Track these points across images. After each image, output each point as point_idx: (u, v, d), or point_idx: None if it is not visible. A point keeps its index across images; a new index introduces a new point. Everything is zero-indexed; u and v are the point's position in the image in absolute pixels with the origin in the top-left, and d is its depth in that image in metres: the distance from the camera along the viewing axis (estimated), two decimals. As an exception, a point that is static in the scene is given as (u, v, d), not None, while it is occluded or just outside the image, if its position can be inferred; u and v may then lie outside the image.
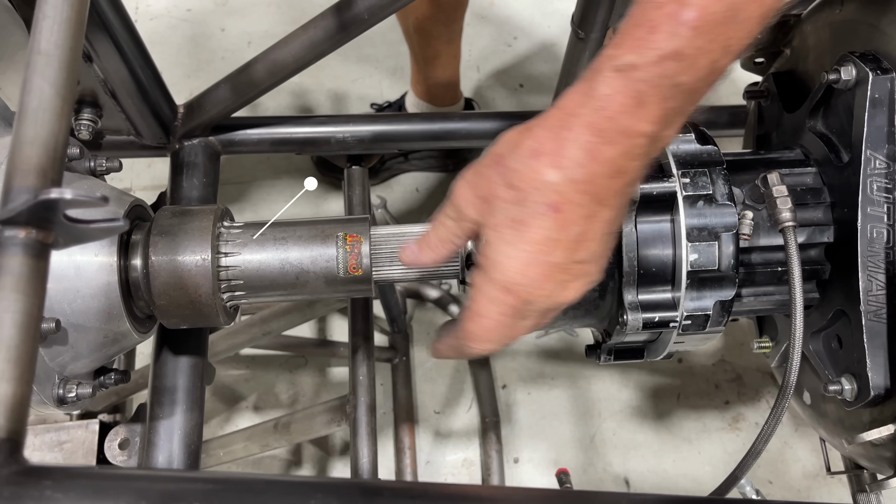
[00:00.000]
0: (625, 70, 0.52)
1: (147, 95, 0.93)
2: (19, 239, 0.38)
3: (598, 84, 0.52)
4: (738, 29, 0.51)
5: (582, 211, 0.55)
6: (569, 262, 0.56)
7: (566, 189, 0.54)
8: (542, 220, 0.55)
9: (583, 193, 0.54)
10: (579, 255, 0.56)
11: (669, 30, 0.51)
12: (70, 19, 0.44)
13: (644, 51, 0.51)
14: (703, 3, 0.50)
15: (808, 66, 0.84)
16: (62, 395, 0.72)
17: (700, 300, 0.71)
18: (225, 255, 0.74)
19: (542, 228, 0.55)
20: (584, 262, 0.57)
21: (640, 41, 0.52)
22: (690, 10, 0.50)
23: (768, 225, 0.74)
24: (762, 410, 1.63)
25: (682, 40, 0.50)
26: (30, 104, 0.41)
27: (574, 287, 0.58)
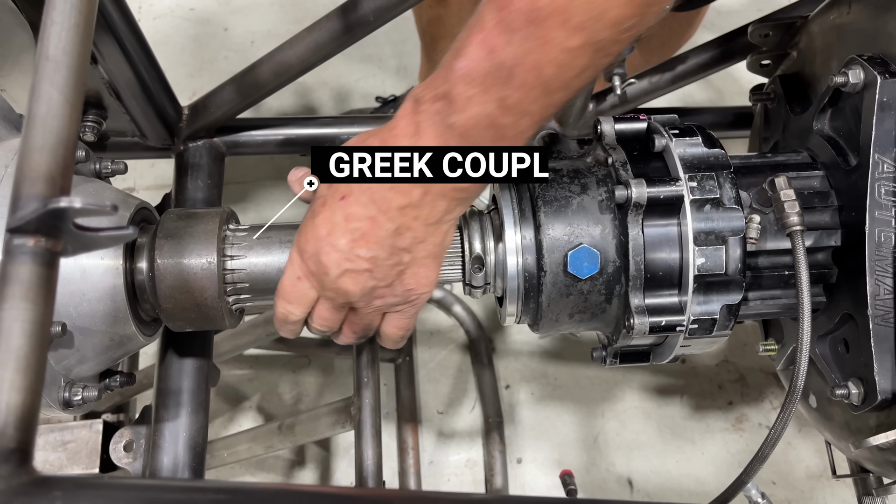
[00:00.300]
0: (414, 100, 0.61)
1: (152, 97, 0.93)
2: (28, 247, 0.37)
3: (401, 106, 0.62)
4: (515, 91, 0.56)
5: (363, 211, 0.63)
6: (349, 251, 0.64)
7: (353, 186, 0.63)
8: (333, 204, 0.64)
9: (364, 193, 0.63)
10: (358, 249, 0.64)
11: (444, 74, 0.58)
12: (78, 25, 0.44)
13: (427, 89, 0.59)
14: (474, 56, 0.56)
15: (814, 68, 0.83)
16: (68, 398, 0.72)
17: (707, 304, 0.71)
18: (230, 259, 0.74)
19: (330, 210, 0.65)
20: (362, 257, 0.64)
21: (430, 80, 0.60)
22: (461, 60, 0.57)
23: (775, 228, 0.74)
24: (765, 411, 1.62)
25: (451, 85, 0.57)
26: (38, 111, 0.41)
27: (350, 277, 0.66)
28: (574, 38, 0.53)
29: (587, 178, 0.74)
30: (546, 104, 0.58)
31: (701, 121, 1.18)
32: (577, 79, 0.57)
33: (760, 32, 0.90)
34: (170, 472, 0.83)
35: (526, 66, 0.55)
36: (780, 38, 0.90)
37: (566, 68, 0.55)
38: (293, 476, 1.52)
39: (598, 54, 0.55)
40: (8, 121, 0.75)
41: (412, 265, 0.67)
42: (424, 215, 0.63)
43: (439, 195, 0.62)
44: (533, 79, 0.55)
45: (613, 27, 0.53)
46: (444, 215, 0.64)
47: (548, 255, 0.72)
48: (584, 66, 0.56)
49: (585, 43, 0.54)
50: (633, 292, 0.71)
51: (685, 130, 0.74)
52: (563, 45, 0.54)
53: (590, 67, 0.56)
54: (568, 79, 0.56)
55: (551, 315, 0.74)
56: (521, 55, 0.54)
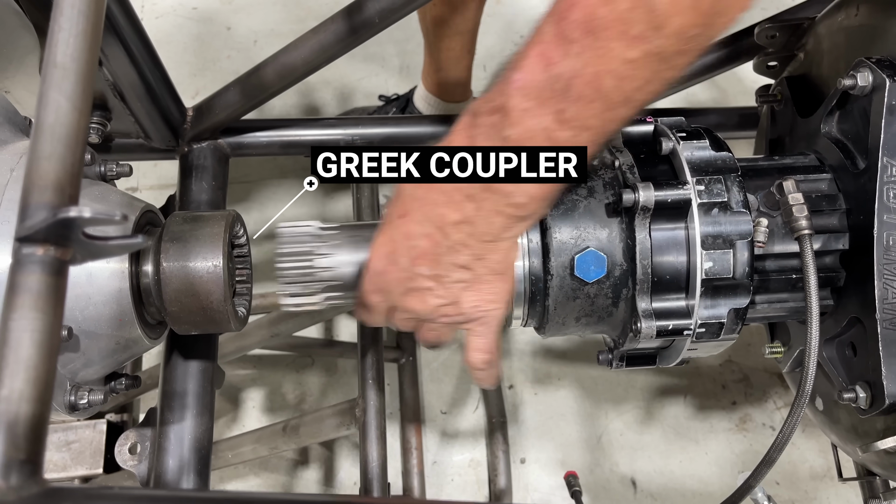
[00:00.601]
0: (471, 115, 0.61)
1: (156, 98, 0.93)
2: (37, 256, 0.37)
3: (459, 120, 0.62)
4: (572, 104, 0.54)
5: (420, 229, 0.62)
6: (410, 269, 0.64)
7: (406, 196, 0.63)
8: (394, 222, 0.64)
9: (420, 211, 0.62)
10: (419, 268, 0.64)
11: (500, 87, 0.57)
12: (86, 31, 0.43)
13: (484, 102, 0.59)
14: (531, 68, 0.55)
15: (822, 70, 0.83)
16: (74, 401, 0.72)
17: (714, 308, 0.70)
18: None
19: (392, 228, 0.65)
20: (423, 275, 0.64)
21: (487, 94, 0.59)
22: (517, 73, 0.56)
23: (783, 232, 0.73)
24: (769, 411, 1.62)
25: (507, 98, 0.57)
26: (46, 118, 0.41)
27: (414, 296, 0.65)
28: (634, 49, 0.51)
29: (594, 181, 0.74)
30: (607, 119, 0.56)
31: (706, 121, 1.18)
32: (640, 92, 0.55)
33: (767, 34, 0.90)
34: (175, 475, 0.83)
35: (584, 79, 0.53)
36: (787, 39, 0.89)
37: (626, 80, 0.53)
38: (297, 476, 1.52)
39: (662, 66, 0.53)
40: (13, 123, 0.75)
41: (475, 282, 0.65)
42: (480, 232, 0.62)
43: (493, 211, 0.61)
44: (591, 92, 0.54)
45: (676, 37, 0.51)
46: (502, 232, 0.63)
47: (554, 258, 0.72)
48: (647, 79, 0.54)
49: (646, 54, 0.52)
50: (641, 296, 0.71)
51: (692, 133, 0.73)
52: (623, 57, 0.52)
53: (653, 81, 0.54)
54: (629, 92, 0.54)
55: (558, 318, 0.74)
56: (579, 67, 0.53)
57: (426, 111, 1.69)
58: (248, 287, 0.81)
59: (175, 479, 0.82)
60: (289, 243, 0.75)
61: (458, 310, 0.67)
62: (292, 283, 0.75)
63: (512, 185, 0.59)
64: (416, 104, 1.72)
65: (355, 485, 1.52)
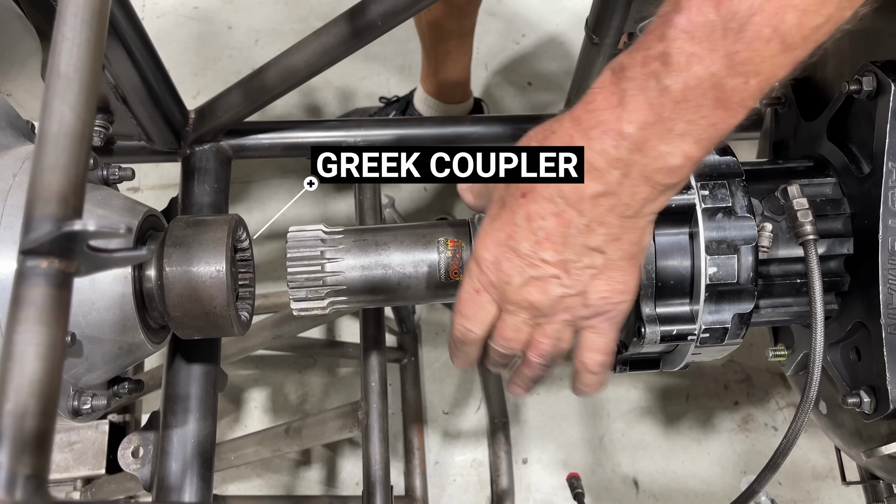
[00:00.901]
0: (616, 70, 0.53)
1: (158, 101, 0.93)
2: (41, 269, 0.37)
3: (596, 80, 0.54)
4: (747, 45, 0.49)
5: (548, 207, 0.56)
6: (533, 255, 0.57)
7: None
8: (513, 203, 0.58)
9: (548, 187, 0.55)
10: (544, 252, 0.57)
11: (660, 32, 0.51)
12: (89, 41, 0.43)
13: (634, 52, 0.52)
14: (698, 7, 0.49)
15: (826, 73, 0.83)
16: (77, 406, 0.72)
17: (718, 313, 0.70)
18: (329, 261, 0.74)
19: (510, 211, 0.58)
20: (548, 261, 0.57)
21: (636, 45, 0.52)
22: (681, 14, 0.49)
23: (787, 237, 0.73)
24: (771, 411, 1.62)
25: (668, 42, 0.50)
26: (50, 129, 0.41)
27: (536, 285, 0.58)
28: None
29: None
30: (780, 63, 0.50)
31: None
32: (819, 31, 0.49)
33: (771, 36, 0.89)
34: (178, 479, 0.83)
35: (764, 15, 0.48)
36: (791, 41, 0.89)
37: (809, 16, 0.48)
38: (299, 476, 1.52)
39: (844, 3, 0.49)
40: (15, 128, 0.75)
41: (606, 269, 0.58)
42: (622, 205, 0.55)
43: (641, 178, 0.53)
44: (770, 31, 0.48)
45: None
46: (644, 206, 0.55)
47: (558, 263, 0.71)
48: (829, 15, 0.49)
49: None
50: (645, 301, 0.70)
51: (697, 137, 0.73)
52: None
53: (834, 17, 0.49)
54: (809, 30, 0.49)
55: (561, 323, 0.74)
56: (759, 2, 0.48)
57: (426, 113, 1.69)
58: (251, 291, 0.81)
59: (178, 483, 0.82)
60: (296, 247, 0.75)
61: (584, 301, 0.59)
62: (300, 287, 0.75)
63: (667, 144, 0.52)
64: (416, 106, 1.72)
65: (357, 485, 1.52)
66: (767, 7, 0.48)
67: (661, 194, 0.56)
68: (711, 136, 0.52)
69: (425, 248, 0.75)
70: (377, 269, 0.75)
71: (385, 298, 0.77)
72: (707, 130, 0.52)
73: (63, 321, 0.37)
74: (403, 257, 0.75)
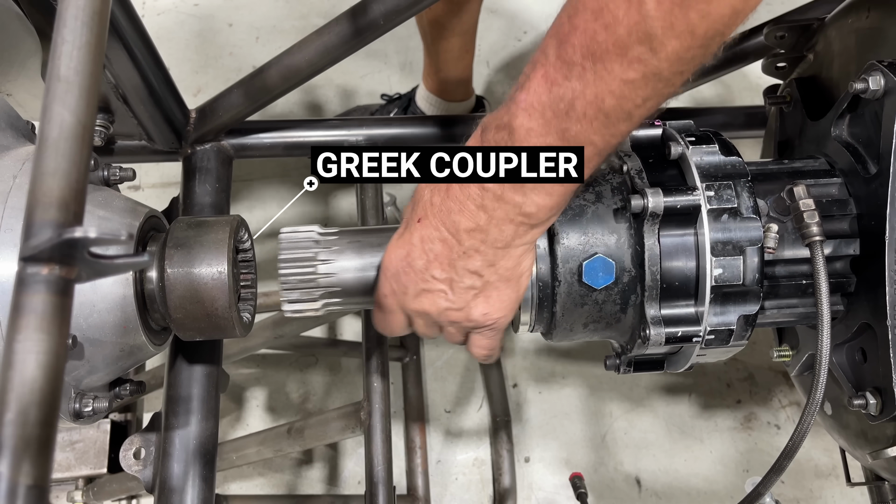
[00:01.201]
0: (482, 129, 0.63)
1: (159, 100, 0.92)
2: (42, 276, 0.37)
3: (472, 133, 0.64)
4: (575, 123, 0.57)
5: (436, 233, 0.64)
6: (425, 271, 0.66)
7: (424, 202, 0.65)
8: (412, 226, 0.66)
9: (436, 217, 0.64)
10: (433, 270, 0.65)
11: (507, 106, 0.60)
12: (90, 43, 0.43)
13: (493, 118, 0.61)
14: (535, 89, 0.57)
15: (832, 72, 0.82)
16: (78, 409, 0.71)
17: (723, 315, 0.70)
18: (322, 263, 0.74)
19: (410, 232, 0.66)
20: (437, 278, 0.66)
21: (497, 110, 0.61)
22: (522, 93, 0.58)
23: (793, 237, 0.73)
24: (774, 409, 1.62)
25: (512, 117, 0.59)
26: (50, 133, 0.40)
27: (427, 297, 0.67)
28: (632, 71, 0.54)
29: (601, 185, 0.73)
30: (609, 134, 0.58)
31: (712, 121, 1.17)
32: (640, 109, 0.57)
33: (776, 34, 0.89)
34: (180, 481, 0.82)
35: (585, 99, 0.55)
36: (796, 40, 0.88)
37: (626, 100, 0.55)
38: (301, 475, 1.51)
39: (660, 84, 0.55)
40: (15, 129, 0.74)
41: (485, 289, 0.67)
42: (493, 239, 0.63)
43: (504, 220, 0.62)
44: (593, 111, 0.56)
45: (673, 59, 0.53)
46: (514, 240, 0.64)
47: (562, 264, 0.71)
48: (646, 97, 0.56)
49: (644, 75, 0.54)
50: (649, 302, 0.70)
51: (701, 138, 0.73)
52: (622, 78, 0.54)
53: (652, 97, 0.56)
54: (629, 109, 0.56)
55: (565, 325, 0.74)
56: (581, 88, 0.55)
57: (428, 111, 1.68)
58: (253, 292, 0.80)
59: (180, 485, 0.82)
60: (289, 249, 0.75)
61: (467, 316, 0.68)
62: (293, 289, 0.74)
63: (521, 196, 0.61)
64: (417, 104, 1.71)
65: (359, 483, 1.52)
66: (588, 93, 0.55)
67: (530, 230, 0.64)
68: (562, 190, 0.61)
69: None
70: (372, 270, 0.74)
71: None
72: (555, 187, 0.60)
73: (64, 329, 0.37)
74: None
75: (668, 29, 0.51)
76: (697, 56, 0.54)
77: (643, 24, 0.51)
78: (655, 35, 0.51)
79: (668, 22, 0.51)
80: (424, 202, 0.65)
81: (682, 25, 0.51)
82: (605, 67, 0.54)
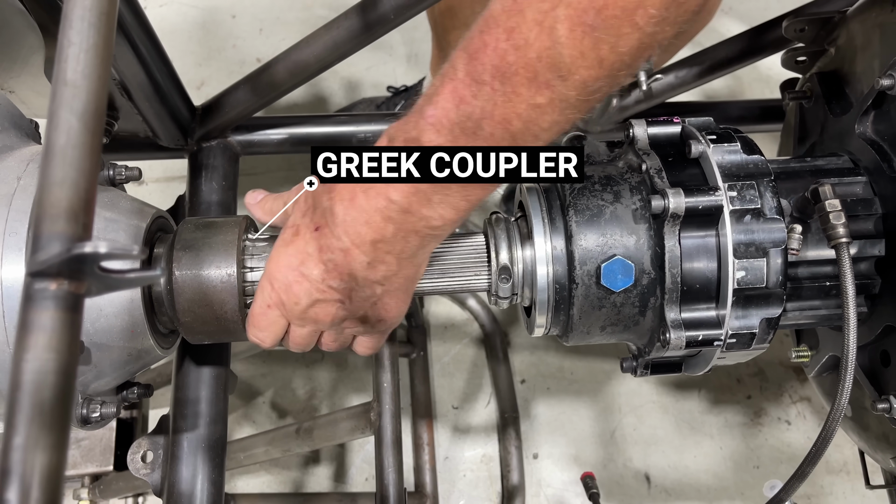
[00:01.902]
0: (389, 138, 0.62)
1: (164, 97, 0.91)
2: (51, 291, 0.35)
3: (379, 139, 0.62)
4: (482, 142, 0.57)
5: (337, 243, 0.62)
6: (321, 282, 0.64)
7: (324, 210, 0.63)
8: (307, 235, 0.64)
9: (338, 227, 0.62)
10: (331, 280, 0.64)
11: (415, 119, 0.59)
12: (97, 46, 0.41)
13: (399, 130, 0.60)
14: (443, 105, 0.56)
15: (855, 66, 0.80)
16: (86, 415, 0.70)
17: (746, 318, 0.68)
18: (251, 270, 0.72)
19: (304, 241, 0.64)
20: (334, 288, 0.65)
21: (403, 122, 0.61)
22: (431, 108, 0.57)
23: (817, 238, 0.71)
24: (784, 405, 1.60)
25: (420, 132, 0.58)
26: (57, 141, 0.38)
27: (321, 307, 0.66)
28: (541, 96, 0.53)
29: (620, 185, 0.71)
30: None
31: (727, 114, 1.15)
32: (547, 132, 0.57)
33: (796, 27, 0.86)
34: (189, 485, 0.81)
35: (494, 119, 0.55)
36: (817, 33, 0.86)
37: (533, 123, 0.55)
38: (309, 472, 1.50)
39: (568, 110, 0.55)
40: (19, 128, 0.73)
41: (384, 297, 0.67)
42: (398, 250, 0.63)
43: (411, 232, 0.62)
44: (500, 132, 0.56)
45: (581, 87, 0.53)
46: (418, 250, 0.64)
47: (580, 266, 0.69)
48: (553, 121, 0.56)
49: (552, 100, 0.54)
50: (669, 305, 0.68)
51: (722, 136, 0.71)
52: (530, 101, 0.54)
53: (560, 122, 0.56)
54: (536, 132, 0.56)
55: (582, 328, 0.72)
56: (489, 108, 0.55)
57: None
58: (263, 294, 0.78)
59: (189, 489, 0.81)
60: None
61: (362, 322, 0.69)
62: None
63: (428, 209, 0.60)
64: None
65: (367, 480, 1.51)
66: (496, 114, 0.55)
67: (434, 239, 0.64)
68: (466, 205, 0.61)
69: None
70: None
71: None
72: (460, 202, 0.60)
73: (74, 346, 0.35)
74: None
75: (577, 57, 0.51)
76: (604, 86, 0.54)
77: (553, 50, 0.51)
78: (564, 62, 0.51)
79: (578, 51, 0.51)
80: (323, 209, 0.63)
81: (591, 55, 0.51)
82: (514, 90, 0.53)
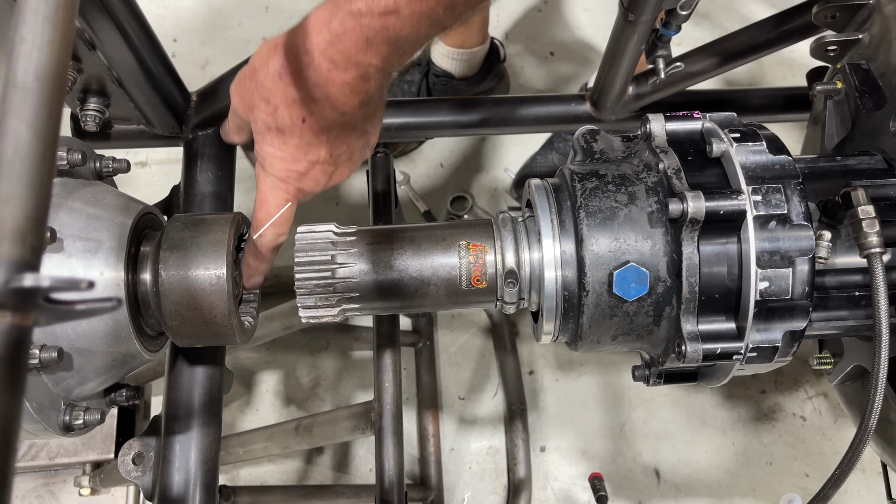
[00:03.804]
0: (356, 15, 0.60)
1: (157, 83, 0.86)
2: (-9, 325, 0.31)
3: (334, 20, 0.60)
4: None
5: (325, 122, 0.64)
6: (330, 157, 0.67)
7: (309, 104, 0.63)
8: (295, 129, 0.65)
9: (324, 106, 0.63)
10: (339, 151, 0.67)
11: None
12: (53, 42, 0.36)
13: (372, 4, 0.59)
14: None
15: (890, 57, 0.74)
16: (68, 421, 0.67)
17: (768, 331, 0.63)
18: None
19: (296, 136, 0.65)
20: (343, 154, 0.68)
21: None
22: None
23: (846, 244, 0.66)
24: (800, 401, 1.56)
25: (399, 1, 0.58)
26: (3, 153, 0.34)
27: (340, 173, 0.70)
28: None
29: (635, 185, 0.67)
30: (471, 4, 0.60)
31: (747, 103, 1.10)
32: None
33: (827, 14, 0.81)
34: (181, 490, 0.78)
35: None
36: (849, 20, 0.80)
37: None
38: (312, 462, 1.48)
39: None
40: None
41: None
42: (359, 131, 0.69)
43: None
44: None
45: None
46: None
47: (590, 272, 0.65)
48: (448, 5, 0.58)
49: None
50: (686, 316, 0.64)
51: (746, 134, 0.66)
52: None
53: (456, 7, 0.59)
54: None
55: (592, 337, 0.68)
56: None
57: (450, 66, 1.63)
58: (256, 293, 0.75)
59: (181, 494, 0.78)
60: (305, 251, 0.69)
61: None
62: (310, 294, 0.69)
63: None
64: (437, 63, 1.64)
65: (370, 471, 1.48)
66: None
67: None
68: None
69: (445, 252, 0.69)
70: (392, 274, 0.69)
71: (401, 305, 0.71)
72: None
73: (18, 388, 0.32)
74: (421, 262, 0.69)
75: None
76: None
77: None
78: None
79: None
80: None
81: None
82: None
